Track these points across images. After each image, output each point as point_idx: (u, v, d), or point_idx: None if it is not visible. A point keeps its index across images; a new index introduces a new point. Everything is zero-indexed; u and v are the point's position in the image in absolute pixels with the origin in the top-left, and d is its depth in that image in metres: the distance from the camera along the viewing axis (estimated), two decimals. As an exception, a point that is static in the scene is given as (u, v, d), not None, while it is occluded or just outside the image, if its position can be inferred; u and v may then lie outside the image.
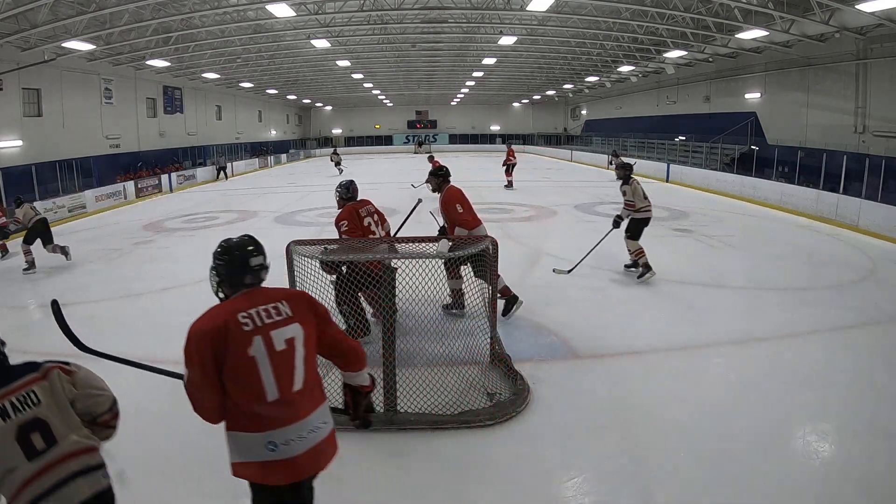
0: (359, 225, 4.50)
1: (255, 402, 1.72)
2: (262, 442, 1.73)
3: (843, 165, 11.25)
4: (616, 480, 2.92)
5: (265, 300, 1.83)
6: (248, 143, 29.01)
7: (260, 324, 1.76)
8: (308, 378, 1.82)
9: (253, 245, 1.93)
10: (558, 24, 15.84)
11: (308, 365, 1.83)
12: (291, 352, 1.78)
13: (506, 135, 39.71)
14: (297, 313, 1.84)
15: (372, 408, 2.19)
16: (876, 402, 3.69)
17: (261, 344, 1.73)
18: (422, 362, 3.86)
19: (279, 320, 1.79)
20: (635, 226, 6.68)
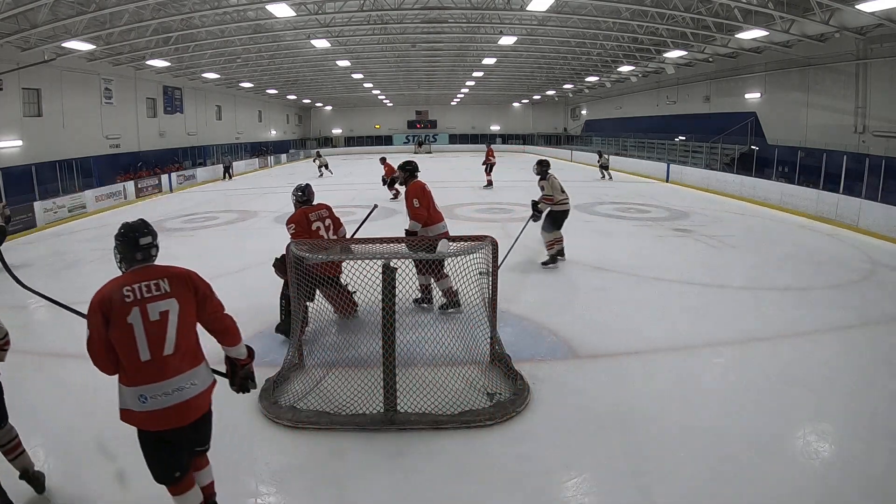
0: (306, 228, 4.62)
1: (131, 361, 2.09)
2: (136, 395, 2.10)
3: (843, 165, 11.25)
4: (616, 480, 2.92)
5: (150, 277, 2.18)
6: (248, 143, 29.01)
7: (139, 297, 2.12)
8: (180, 345, 2.15)
9: (145, 227, 2.31)
10: (558, 24, 15.83)
11: (181, 334, 2.16)
12: (164, 322, 2.12)
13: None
14: (175, 290, 2.18)
15: (251, 376, 2.54)
16: (876, 402, 3.69)
17: (138, 314, 2.09)
18: (422, 362, 3.86)
19: (157, 295, 2.14)
20: (553, 218, 6.95)
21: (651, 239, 9.18)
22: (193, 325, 2.25)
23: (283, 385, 3.87)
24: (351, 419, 3.43)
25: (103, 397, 3.87)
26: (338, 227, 4.88)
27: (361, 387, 3.70)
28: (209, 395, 2.29)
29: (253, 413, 3.60)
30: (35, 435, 3.40)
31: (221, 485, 2.93)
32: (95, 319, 2.08)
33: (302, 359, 4.18)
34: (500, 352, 4.14)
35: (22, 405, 3.69)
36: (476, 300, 4.10)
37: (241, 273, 7.05)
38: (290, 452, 3.21)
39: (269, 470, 3.05)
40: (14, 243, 10.32)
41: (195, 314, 2.25)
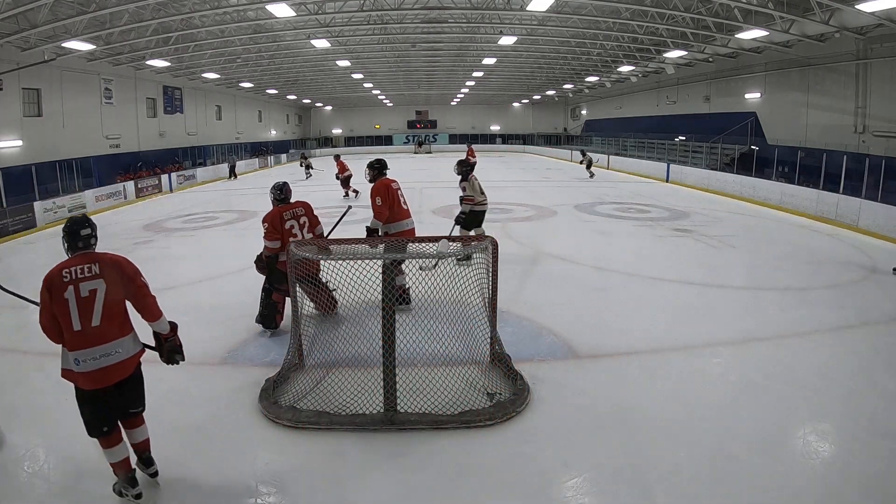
0: (278, 227, 4.69)
1: (68, 330, 2.53)
2: (72, 358, 2.54)
3: (843, 165, 11.25)
4: (616, 480, 2.92)
5: (85, 261, 2.61)
6: (248, 143, 29.01)
7: (74, 277, 2.55)
8: (106, 318, 2.58)
9: (85, 222, 2.73)
10: (558, 24, 15.83)
11: (106, 308, 2.58)
12: (92, 299, 2.55)
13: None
14: (103, 273, 2.61)
15: (177, 350, 2.97)
16: (876, 402, 3.69)
17: (72, 291, 2.53)
18: (422, 362, 3.86)
19: (87, 276, 2.57)
20: (471, 217, 7.12)
21: (651, 239, 9.18)
22: (120, 302, 2.66)
23: (283, 385, 3.87)
24: (351, 419, 3.43)
25: (103, 397, 3.88)
26: (314, 226, 4.96)
27: (361, 387, 3.70)
28: (135, 361, 2.75)
29: (253, 413, 3.60)
30: (35, 435, 3.40)
31: (221, 485, 2.93)
32: (43, 295, 2.54)
33: (302, 359, 4.18)
34: (500, 352, 4.14)
35: (22, 405, 3.70)
36: (476, 300, 4.10)
37: (241, 273, 7.05)
38: (290, 452, 3.21)
39: (269, 470, 3.05)
40: (14, 243, 10.33)
41: (121, 293, 2.66)
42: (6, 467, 3.08)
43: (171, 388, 4.02)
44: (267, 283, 4.88)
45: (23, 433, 3.43)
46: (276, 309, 4.93)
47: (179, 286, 6.66)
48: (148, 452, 2.89)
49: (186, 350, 4.75)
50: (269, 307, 4.92)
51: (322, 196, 13.25)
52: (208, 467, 3.06)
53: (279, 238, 4.67)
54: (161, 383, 4.09)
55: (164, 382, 4.11)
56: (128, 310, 2.71)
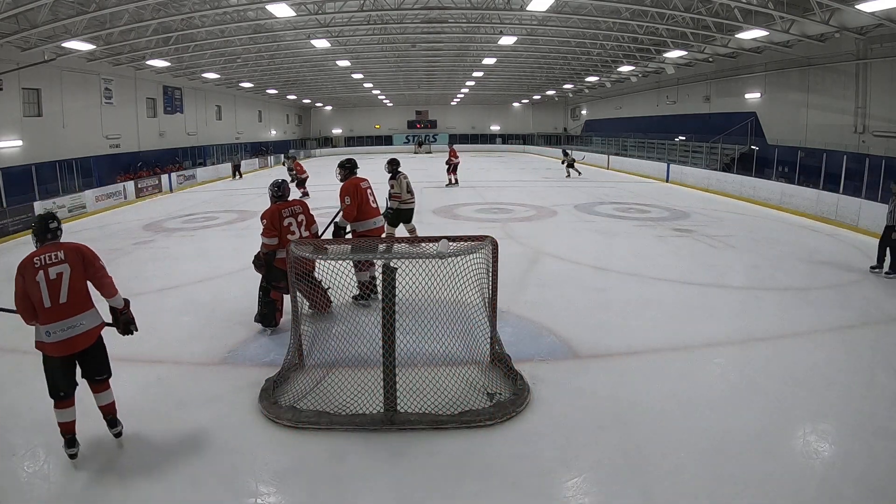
0: (277, 225, 4.74)
1: (40, 307, 2.98)
2: (44, 331, 3.00)
3: (843, 165, 11.25)
4: (616, 480, 2.92)
5: (52, 250, 3.09)
6: (248, 143, 29.00)
7: (44, 263, 3.02)
8: (71, 296, 3.04)
9: (52, 217, 3.25)
10: (558, 24, 15.82)
11: (71, 288, 3.05)
12: (59, 280, 3.02)
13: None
14: (67, 258, 3.08)
15: (131, 321, 3.37)
16: (876, 402, 3.69)
17: (42, 275, 2.99)
18: (422, 362, 3.86)
19: (55, 262, 3.04)
20: (397, 215, 7.26)
21: (651, 239, 9.18)
22: (82, 282, 3.12)
23: (283, 385, 3.87)
24: (351, 419, 3.43)
25: (103, 397, 3.88)
26: (310, 224, 5.02)
27: (361, 387, 3.70)
28: (97, 332, 3.19)
29: (253, 413, 3.60)
30: (35, 435, 3.40)
31: (221, 485, 2.93)
32: (18, 279, 3.01)
33: (302, 359, 4.18)
34: (500, 352, 4.14)
35: (22, 405, 3.70)
36: (476, 300, 4.10)
37: (241, 273, 7.04)
38: (290, 452, 3.21)
39: (269, 470, 3.05)
40: (14, 243, 10.33)
41: (83, 275, 3.13)
42: (6, 467, 3.08)
43: (172, 388, 4.03)
44: (264, 281, 4.89)
45: (23, 433, 3.43)
46: (274, 307, 4.95)
47: (179, 286, 6.66)
48: (113, 415, 3.27)
49: (187, 349, 4.76)
50: (268, 305, 4.93)
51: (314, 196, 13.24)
52: (208, 467, 3.06)
53: (277, 235, 4.71)
54: (161, 383, 4.10)
55: (164, 382, 4.12)
56: (89, 289, 3.16)
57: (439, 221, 10.80)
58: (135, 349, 4.72)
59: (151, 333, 5.07)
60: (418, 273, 3.66)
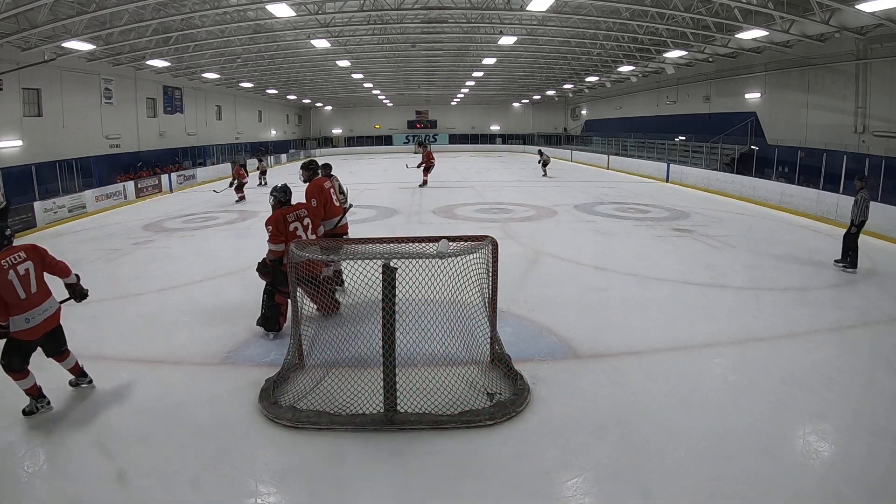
0: (283, 230, 4.72)
1: (16, 300, 3.52)
2: (23, 318, 3.56)
3: (843, 165, 11.24)
4: (616, 480, 2.92)
5: (13, 252, 3.60)
6: (248, 143, 29.00)
7: (11, 264, 3.52)
8: (38, 286, 3.65)
9: (6, 227, 3.72)
10: (558, 24, 15.82)
11: (37, 280, 3.65)
12: (28, 275, 3.59)
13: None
14: (28, 256, 3.64)
15: (84, 292, 4.03)
16: (876, 402, 3.69)
17: (13, 273, 3.51)
18: (422, 362, 3.86)
19: (20, 261, 3.58)
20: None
21: (651, 239, 9.18)
22: (42, 273, 3.73)
23: (283, 385, 3.87)
24: (351, 419, 3.43)
25: (103, 397, 3.88)
26: (316, 227, 5.05)
27: (361, 387, 3.70)
28: (59, 313, 3.83)
29: (253, 413, 3.60)
30: (35, 435, 3.40)
31: (221, 485, 2.94)
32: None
33: (302, 359, 4.18)
34: (500, 352, 4.14)
35: (22, 405, 3.70)
36: (476, 300, 4.10)
37: (240, 273, 7.05)
38: (290, 452, 3.21)
39: (269, 470, 3.05)
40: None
41: (42, 267, 3.73)
42: (6, 467, 3.08)
43: (172, 388, 4.03)
44: (269, 285, 4.86)
45: (23, 433, 3.43)
46: (278, 311, 4.93)
47: (179, 286, 6.66)
48: (79, 370, 4.00)
49: (187, 350, 4.78)
50: (272, 309, 4.90)
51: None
52: (208, 467, 3.06)
53: (283, 241, 4.64)
54: (161, 383, 4.11)
55: (163, 382, 4.12)
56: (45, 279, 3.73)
57: (439, 221, 10.81)
58: (135, 349, 4.74)
59: (151, 333, 5.08)
60: (418, 273, 3.66)
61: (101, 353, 4.60)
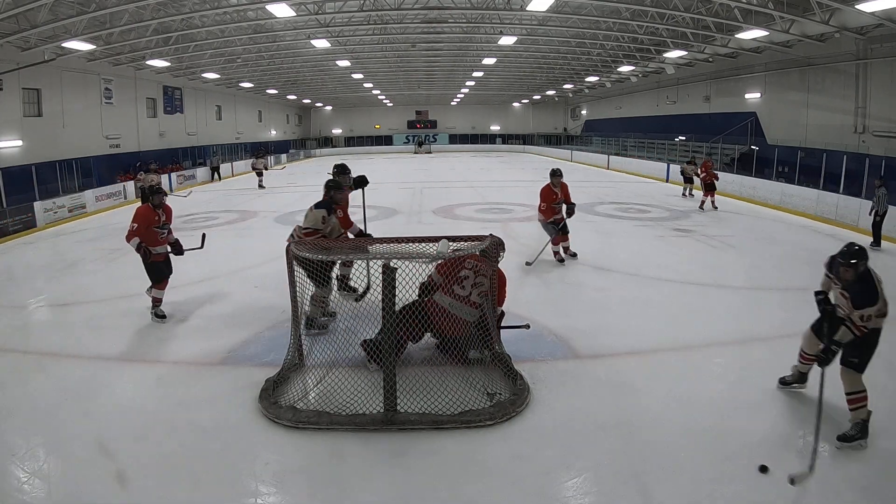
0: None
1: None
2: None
3: (843, 165, 11.24)
4: (616, 480, 2.92)
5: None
6: (248, 143, 29.00)
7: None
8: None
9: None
10: (558, 24, 15.82)
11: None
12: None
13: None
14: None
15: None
16: (876, 402, 3.68)
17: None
18: (422, 362, 3.86)
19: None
20: None
21: (651, 239, 9.18)
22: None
23: (283, 385, 3.87)
24: (351, 419, 3.43)
25: (103, 397, 3.88)
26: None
27: (361, 387, 3.70)
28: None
29: (253, 413, 3.60)
30: (35, 435, 3.40)
31: (221, 485, 2.93)
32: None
33: (302, 359, 4.18)
34: (500, 352, 4.14)
35: (22, 405, 3.70)
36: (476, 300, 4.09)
37: (241, 273, 7.05)
38: (290, 452, 3.20)
39: (269, 470, 3.05)
40: (14, 243, 10.32)
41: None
42: (6, 467, 3.08)
43: (172, 388, 4.02)
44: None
45: (22, 433, 3.43)
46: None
47: (179, 286, 6.64)
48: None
49: (187, 350, 4.78)
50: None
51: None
52: (208, 467, 3.06)
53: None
54: (161, 383, 4.10)
55: (163, 382, 4.11)
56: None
57: (439, 221, 10.81)
58: (135, 349, 4.74)
59: (151, 333, 5.08)
60: (418, 273, 3.66)
61: (101, 353, 4.60)
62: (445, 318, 3.97)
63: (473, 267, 4.15)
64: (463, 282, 4.12)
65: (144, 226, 5.24)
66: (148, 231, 5.25)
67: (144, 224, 5.25)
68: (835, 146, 12.91)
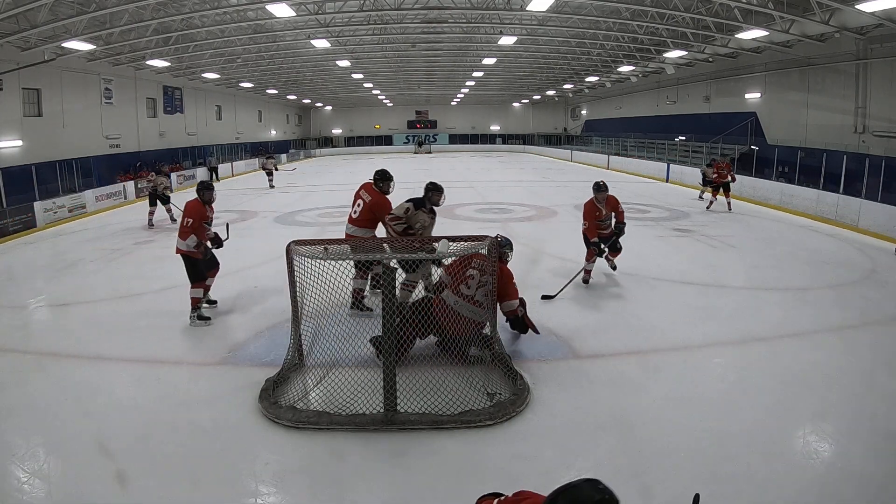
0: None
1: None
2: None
3: (843, 165, 11.24)
4: (616, 480, 2.90)
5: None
6: (248, 143, 29.00)
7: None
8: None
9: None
10: (558, 24, 15.82)
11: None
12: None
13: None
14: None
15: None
16: (876, 402, 3.69)
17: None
18: (422, 362, 3.86)
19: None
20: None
21: (651, 239, 9.18)
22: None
23: (283, 385, 3.87)
24: (351, 419, 3.43)
25: (103, 397, 3.88)
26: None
27: (361, 387, 3.70)
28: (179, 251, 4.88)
29: (253, 413, 3.60)
30: (35, 435, 3.40)
31: (221, 485, 2.93)
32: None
33: (302, 358, 4.18)
34: (500, 352, 4.14)
35: (22, 405, 3.70)
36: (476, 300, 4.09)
37: (241, 273, 7.06)
38: (290, 452, 3.20)
39: (270, 470, 3.05)
40: (14, 243, 10.32)
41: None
42: (6, 467, 3.08)
43: (172, 387, 4.02)
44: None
45: (22, 433, 3.43)
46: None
47: (179, 286, 6.64)
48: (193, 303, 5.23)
49: (187, 350, 4.77)
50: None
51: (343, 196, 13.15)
52: (208, 467, 3.06)
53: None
54: (161, 383, 4.10)
55: (163, 382, 4.11)
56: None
57: (439, 221, 10.77)
58: (135, 349, 4.73)
59: (151, 333, 5.08)
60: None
61: (101, 353, 4.60)
62: (449, 316, 4.00)
63: (479, 266, 4.17)
64: (468, 281, 4.16)
65: (199, 221, 5.23)
66: (200, 227, 5.24)
67: (199, 220, 5.24)
68: (835, 146, 12.90)
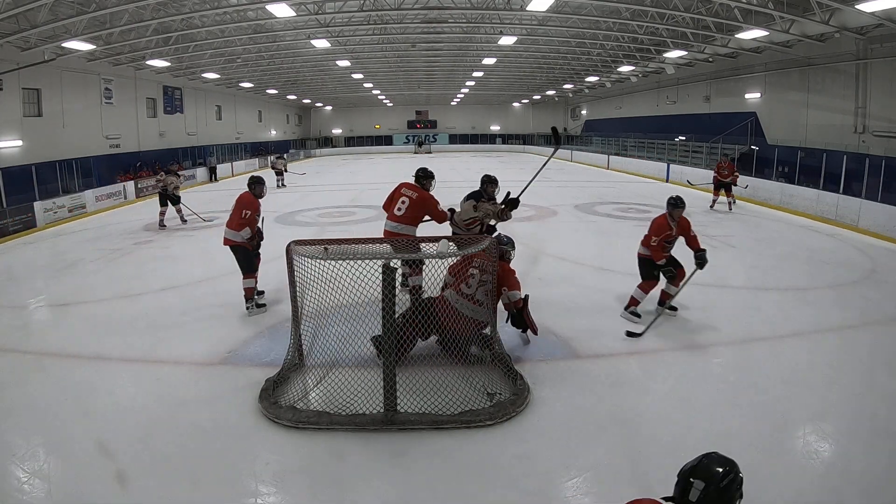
0: None
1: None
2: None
3: (843, 165, 11.24)
4: (616, 480, 2.92)
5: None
6: (248, 143, 29.00)
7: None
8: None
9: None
10: (558, 24, 15.82)
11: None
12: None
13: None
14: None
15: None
16: (876, 402, 3.69)
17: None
18: (422, 362, 3.86)
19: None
20: None
21: (651, 239, 9.16)
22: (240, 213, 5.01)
23: (283, 385, 3.87)
24: (351, 419, 3.43)
25: (103, 397, 3.88)
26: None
27: (361, 387, 3.70)
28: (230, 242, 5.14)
29: (253, 413, 3.60)
30: (35, 435, 3.40)
31: (221, 485, 2.93)
32: None
33: (302, 358, 4.18)
34: (500, 352, 4.14)
35: (22, 405, 3.70)
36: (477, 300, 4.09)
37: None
38: (290, 452, 3.20)
39: (270, 470, 3.05)
40: (14, 243, 10.32)
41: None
42: (6, 467, 3.08)
43: (172, 387, 4.02)
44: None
45: (22, 433, 3.43)
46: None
47: (179, 286, 6.65)
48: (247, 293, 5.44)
49: (187, 350, 4.76)
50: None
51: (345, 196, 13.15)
52: (208, 467, 3.06)
53: None
54: (161, 383, 4.10)
55: (163, 382, 4.12)
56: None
57: (439, 221, 10.77)
58: (135, 349, 4.73)
59: (151, 333, 5.08)
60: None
61: (101, 354, 4.60)
62: (450, 315, 4.01)
63: (480, 265, 4.16)
64: (469, 280, 4.16)
65: (255, 214, 5.35)
66: (254, 220, 5.37)
67: (256, 212, 5.37)
68: (835, 146, 12.89)
